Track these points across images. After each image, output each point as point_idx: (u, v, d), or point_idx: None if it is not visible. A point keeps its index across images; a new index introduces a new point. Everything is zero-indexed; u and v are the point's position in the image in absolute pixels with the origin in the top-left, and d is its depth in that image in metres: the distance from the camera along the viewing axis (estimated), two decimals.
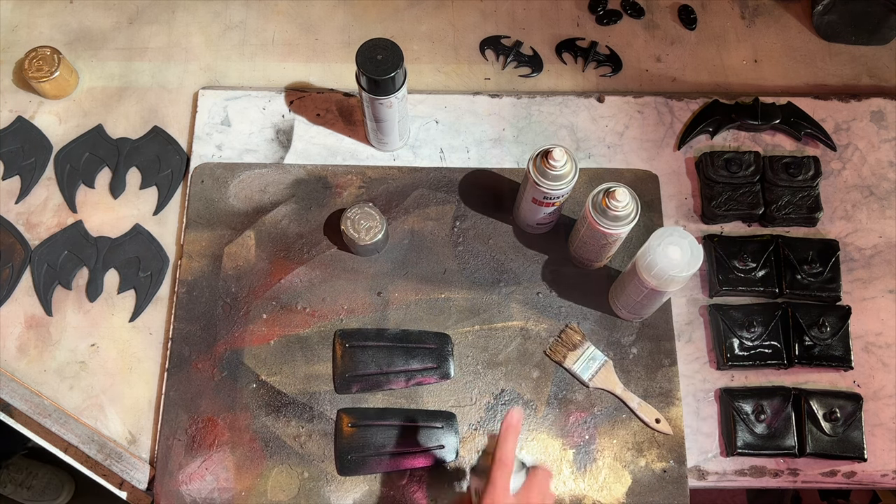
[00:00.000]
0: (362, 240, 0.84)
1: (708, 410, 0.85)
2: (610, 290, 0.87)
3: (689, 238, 0.73)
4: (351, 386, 0.83)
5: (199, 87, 0.97)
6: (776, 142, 0.96)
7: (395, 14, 1.03)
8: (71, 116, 0.96)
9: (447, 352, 0.85)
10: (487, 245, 0.90)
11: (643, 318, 0.86)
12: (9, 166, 0.93)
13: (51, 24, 1.01)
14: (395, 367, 0.84)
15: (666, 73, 1.01)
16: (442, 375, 0.84)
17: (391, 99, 0.82)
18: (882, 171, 0.95)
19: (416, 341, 0.85)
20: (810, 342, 0.85)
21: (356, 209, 0.84)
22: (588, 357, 0.84)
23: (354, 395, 0.83)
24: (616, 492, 0.81)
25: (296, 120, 0.96)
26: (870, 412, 0.85)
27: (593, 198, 0.77)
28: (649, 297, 0.78)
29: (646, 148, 0.95)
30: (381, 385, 0.83)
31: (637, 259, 0.75)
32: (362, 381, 0.83)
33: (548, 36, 1.02)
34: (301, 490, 0.80)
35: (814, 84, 1.01)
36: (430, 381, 0.84)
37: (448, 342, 0.85)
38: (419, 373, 0.83)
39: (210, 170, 0.92)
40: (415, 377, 0.83)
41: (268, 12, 1.03)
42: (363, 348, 0.84)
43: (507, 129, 0.96)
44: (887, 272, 0.91)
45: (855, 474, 0.83)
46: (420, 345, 0.84)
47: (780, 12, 1.05)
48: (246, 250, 0.89)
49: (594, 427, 0.83)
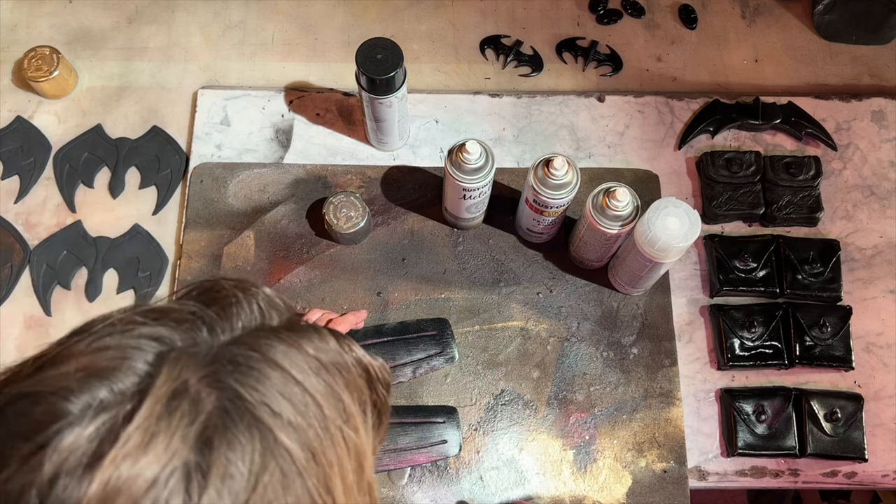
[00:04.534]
0: (341, 227, 0.84)
1: (708, 411, 0.85)
2: (609, 266, 0.87)
3: (683, 206, 0.73)
4: None
5: (198, 87, 0.97)
6: (777, 141, 0.96)
7: (395, 14, 1.03)
8: (70, 116, 0.96)
9: (448, 335, 0.85)
10: (487, 245, 0.90)
11: (644, 290, 0.87)
12: (8, 166, 0.93)
13: (50, 24, 1.01)
14: (399, 360, 0.84)
15: (666, 73, 1.00)
16: (447, 360, 0.84)
17: (391, 98, 0.82)
18: (883, 170, 0.95)
19: (416, 331, 0.85)
20: (811, 342, 0.85)
21: (341, 196, 0.85)
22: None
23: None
24: (616, 492, 0.80)
25: (295, 120, 0.95)
26: (870, 412, 0.85)
27: (593, 198, 0.77)
28: (652, 270, 0.78)
29: (646, 148, 0.95)
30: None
31: (636, 234, 0.75)
32: None
33: (548, 35, 1.02)
34: None
35: (814, 84, 1.01)
36: (436, 368, 0.84)
37: (447, 326, 0.85)
38: (424, 361, 0.84)
39: (209, 169, 0.92)
40: (421, 366, 0.83)
41: (267, 12, 1.02)
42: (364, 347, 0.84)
43: (508, 128, 0.96)
44: (888, 272, 0.90)
45: (856, 475, 0.83)
46: (420, 333, 0.85)
47: (781, 12, 1.04)
48: (245, 250, 0.88)
49: (594, 427, 0.82)
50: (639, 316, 0.87)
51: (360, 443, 0.39)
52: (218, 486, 0.32)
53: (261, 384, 0.36)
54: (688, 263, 0.90)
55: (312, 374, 0.38)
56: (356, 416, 0.40)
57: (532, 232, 0.87)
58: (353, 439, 0.39)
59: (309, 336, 0.40)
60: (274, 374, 0.36)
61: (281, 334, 0.39)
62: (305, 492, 0.35)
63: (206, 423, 0.33)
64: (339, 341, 0.41)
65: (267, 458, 0.34)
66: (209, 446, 0.33)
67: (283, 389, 0.36)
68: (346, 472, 0.38)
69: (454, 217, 0.87)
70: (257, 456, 0.34)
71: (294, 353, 0.38)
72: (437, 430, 0.81)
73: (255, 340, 0.38)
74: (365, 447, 0.40)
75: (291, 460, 0.35)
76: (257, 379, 0.36)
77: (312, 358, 0.38)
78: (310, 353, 0.39)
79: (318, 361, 0.39)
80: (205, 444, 0.33)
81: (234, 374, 0.36)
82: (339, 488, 0.37)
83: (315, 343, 0.39)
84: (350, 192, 0.85)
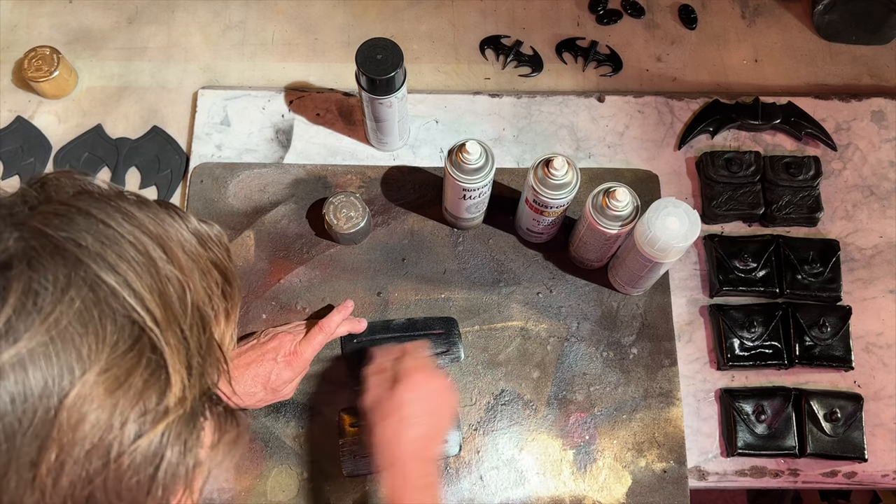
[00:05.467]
0: (340, 228, 0.84)
1: (708, 411, 0.85)
2: (609, 266, 0.87)
3: (683, 206, 0.73)
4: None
5: (198, 87, 0.97)
6: (777, 141, 0.96)
7: (395, 14, 1.03)
8: (70, 116, 0.96)
9: (455, 335, 0.85)
10: (487, 245, 0.90)
11: (644, 290, 0.87)
12: (8, 166, 0.93)
13: (50, 24, 1.01)
14: None
15: (666, 73, 1.00)
16: (452, 359, 0.84)
17: (391, 99, 0.82)
18: (883, 170, 0.95)
19: (423, 328, 0.85)
20: (811, 342, 0.85)
21: (341, 196, 0.85)
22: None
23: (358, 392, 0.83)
24: (616, 492, 0.80)
25: (295, 120, 0.95)
26: (870, 412, 0.85)
27: (593, 198, 0.77)
28: (652, 270, 0.78)
29: (646, 148, 0.95)
30: None
31: (636, 234, 0.75)
32: None
33: (548, 35, 1.02)
34: (300, 490, 0.80)
35: (814, 84, 1.01)
36: (441, 367, 0.84)
37: (454, 325, 0.85)
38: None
39: (209, 169, 0.92)
40: None
41: (267, 12, 1.02)
42: (371, 342, 0.84)
43: (507, 128, 0.96)
44: (888, 272, 0.90)
45: (855, 475, 0.83)
46: (427, 331, 0.85)
47: (781, 12, 1.04)
48: (245, 250, 0.89)
49: (594, 427, 0.83)
50: (639, 316, 0.87)
51: (186, 280, 0.40)
52: (20, 298, 0.33)
53: (66, 225, 0.37)
54: (688, 263, 0.90)
55: (126, 223, 0.38)
56: (182, 261, 0.40)
57: (532, 232, 0.87)
58: (177, 275, 0.39)
59: (127, 198, 0.41)
60: (81, 218, 0.38)
61: (96, 195, 0.40)
62: (120, 306, 0.36)
63: (5, 252, 0.35)
64: (165, 207, 0.43)
65: (73, 278, 0.35)
66: (8, 267, 0.34)
67: (90, 229, 0.37)
68: (169, 302, 0.38)
69: (454, 217, 0.87)
70: (62, 276, 0.35)
71: (105, 205, 0.39)
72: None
73: (69, 199, 0.39)
74: (195, 287, 0.41)
75: (100, 280, 0.36)
76: (64, 221, 0.37)
77: (128, 210, 0.39)
78: (124, 207, 0.39)
79: (133, 213, 0.39)
80: (3, 266, 0.34)
81: (39, 219, 0.37)
82: (159, 311, 0.37)
83: (133, 202, 0.41)
84: (350, 192, 0.85)
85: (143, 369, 0.36)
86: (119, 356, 0.35)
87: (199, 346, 0.40)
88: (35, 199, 0.39)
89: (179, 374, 0.38)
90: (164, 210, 0.42)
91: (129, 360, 0.36)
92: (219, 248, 0.45)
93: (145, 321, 0.37)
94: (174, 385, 0.37)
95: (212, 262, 0.44)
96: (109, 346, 0.35)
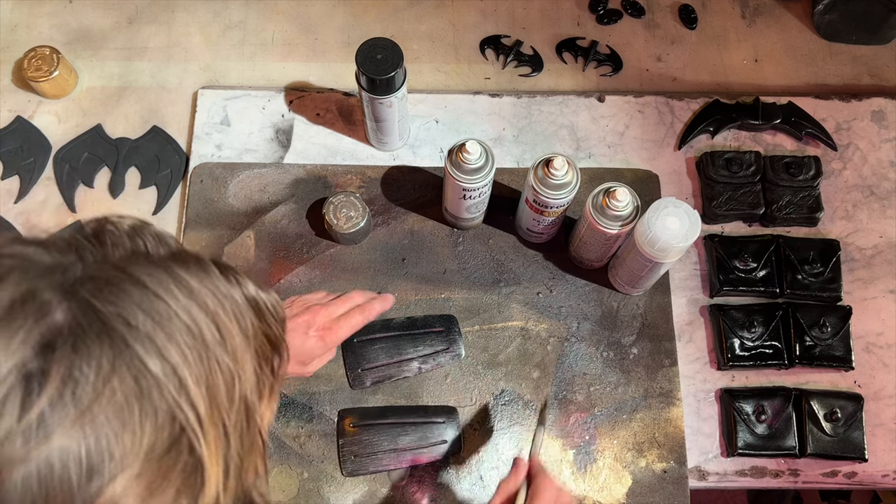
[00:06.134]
0: (341, 227, 0.84)
1: (708, 411, 0.85)
2: (609, 266, 0.87)
3: (683, 206, 0.73)
4: (365, 380, 0.83)
5: (198, 87, 0.97)
6: (777, 141, 0.96)
7: (395, 14, 1.03)
8: (70, 116, 0.96)
9: (455, 332, 0.85)
10: (487, 245, 0.90)
11: (645, 290, 0.87)
12: (8, 166, 0.93)
13: (50, 24, 1.01)
14: (405, 355, 0.84)
15: (666, 73, 1.00)
16: (453, 356, 0.84)
17: (391, 98, 0.82)
18: (883, 170, 0.95)
19: (423, 326, 0.85)
20: (811, 342, 0.85)
21: (341, 196, 0.85)
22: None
23: (360, 392, 0.83)
24: (616, 492, 0.80)
25: (295, 119, 0.95)
26: (870, 412, 0.85)
27: (593, 198, 0.77)
28: (652, 270, 0.78)
29: (646, 147, 0.95)
30: (393, 375, 0.83)
31: (636, 234, 0.75)
32: (375, 372, 0.83)
33: (548, 35, 1.02)
34: (301, 491, 0.80)
35: (814, 84, 1.01)
36: (442, 365, 0.84)
37: (454, 323, 0.85)
38: (430, 357, 0.84)
39: (209, 169, 0.92)
40: (427, 362, 0.84)
41: (267, 12, 1.02)
42: (371, 341, 0.84)
43: (508, 128, 0.96)
44: (888, 272, 0.90)
45: (856, 475, 0.83)
46: (427, 329, 0.85)
47: (781, 12, 1.04)
48: (245, 250, 0.89)
49: (594, 427, 0.83)
50: (639, 316, 0.87)
51: (238, 369, 0.38)
52: (59, 387, 0.31)
53: (118, 298, 0.34)
54: (688, 263, 0.90)
55: (182, 296, 0.36)
56: (236, 342, 0.38)
57: (532, 232, 0.87)
58: (229, 364, 0.37)
59: (185, 261, 0.38)
60: (134, 290, 0.35)
61: (152, 258, 0.37)
62: (163, 401, 0.34)
63: (52, 327, 0.32)
64: (223, 272, 0.40)
65: (118, 365, 0.33)
66: (51, 348, 0.32)
67: (142, 304, 0.34)
68: (216, 394, 0.36)
69: (454, 217, 0.87)
70: (105, 362, 0.32)
71: (161, 273, 0.36)
72: (437, 430, 0.81)
73: (123, 263, 0.36)
74: (245, 375, 0.38)
75: (146, 369, 0.33)
76: (115, 293, 0.34)
77: (183, 279, 0.37)
78: (180, 274, 0.37)
79: (189, 284, 0.37)
80: (47, 346, 0.32)
81: (89, 287, 0.34)
82: (204, 406, 0.35)
83: (190, 268, 0.38)
84: (350, 192, 0.85)
85: (177, 474, 0.34)
86: (154, 460, 0.33)
87: (239, 444, 0.38)
88: (90, 255, 0.36)
89: (215, 480, 0.36)
90: (222, 276, 0.39)
91: (165, 463, 0.33)
92: (275, 322, 0.43)
93: (188, 418, 0.34)
94: (208, 492, 0.35)
95: (265, 335, 0.41)
96: (146, 449, 0.33)
